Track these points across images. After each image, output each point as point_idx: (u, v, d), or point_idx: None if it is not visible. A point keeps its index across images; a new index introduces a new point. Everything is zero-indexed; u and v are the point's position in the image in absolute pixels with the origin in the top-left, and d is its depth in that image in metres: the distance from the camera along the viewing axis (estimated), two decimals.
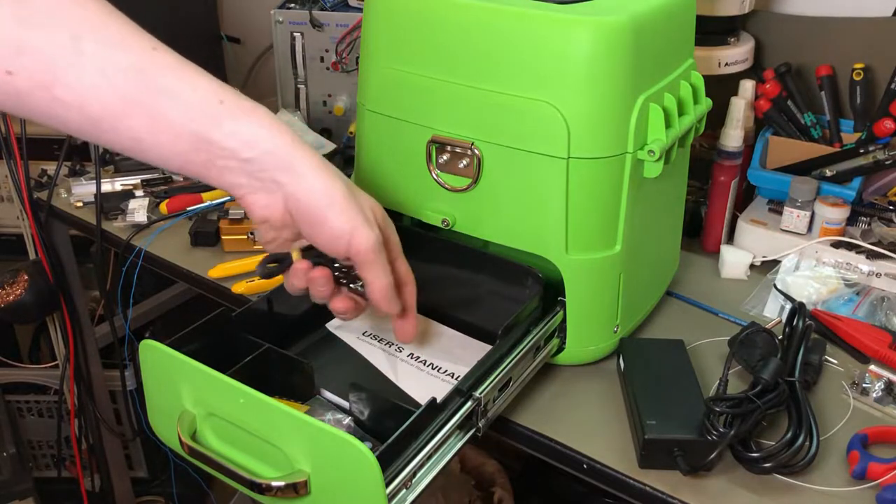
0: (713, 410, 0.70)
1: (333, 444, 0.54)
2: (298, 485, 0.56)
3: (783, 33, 1.17)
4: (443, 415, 0.64)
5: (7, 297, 1.30)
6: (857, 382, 0.80)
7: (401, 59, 0.78)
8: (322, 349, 0.81)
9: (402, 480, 0.59)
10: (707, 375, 0.82)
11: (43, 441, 1.66)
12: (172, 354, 0.62)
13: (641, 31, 0.72)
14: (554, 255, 0.76)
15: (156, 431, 0.67)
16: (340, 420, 0.69)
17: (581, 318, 0.79)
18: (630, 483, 0.71)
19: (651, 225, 0.83)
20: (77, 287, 1.37)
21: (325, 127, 1.33)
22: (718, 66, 1.11)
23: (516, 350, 0.73)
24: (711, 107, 0.85)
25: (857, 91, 1.10)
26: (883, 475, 0.68)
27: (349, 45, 1.26)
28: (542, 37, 0.70)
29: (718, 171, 1.01)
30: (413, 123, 0.79)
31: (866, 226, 1.01)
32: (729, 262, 1.00)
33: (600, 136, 0.72)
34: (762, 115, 1.11)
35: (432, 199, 0.81)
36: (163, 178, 1.21)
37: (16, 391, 1.61)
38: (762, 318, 0.91)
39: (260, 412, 0.58)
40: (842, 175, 1.01)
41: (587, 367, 0.84)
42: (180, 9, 1.57)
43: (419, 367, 0.78)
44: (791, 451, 0.69)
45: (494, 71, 0.73)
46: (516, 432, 0.77)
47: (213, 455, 0.60)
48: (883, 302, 0.91)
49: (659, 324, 0.91)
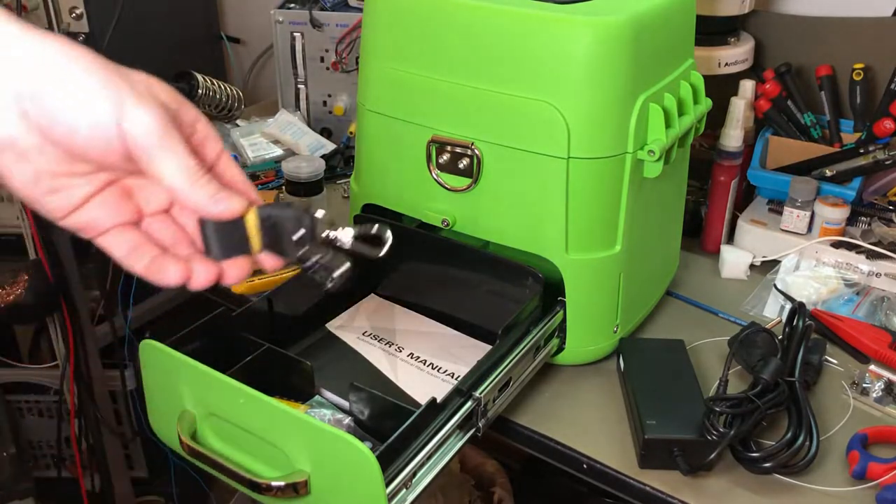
0: (713, 410, 0.70)
1: (333, 444, 0.54)
2: (298, 485, 0.56)
3: (783, 33, 1.17)
4: (443, 415, 0.64)
5: (7, 297, 1.30)
6: (857, 382, 0.80)
7: (401, 59, 0.78)
8: (322, 349, 0.81)
9: (402, 480, 0.59)
10: (707, 375, 0.82)
11: (43, 441, 1.66)
12: (172, 354, 0.62)
13: (641, 31, 0.72)
14: (554, 255, 0.76)
15: (156, 431, 0.67)
16: (340, 420, 0.69)
17: (581, 318, 0.79)
18: (630, 483, 0.71)
19: (651, 225, 0.83)
20: (77, 287, 1.37)
21: (325, 127, 1.33)
22: (718, 66, 1.11)
23: (516, 350, 0.73)
24: (711, 107, 0.85)
25: (856, 91, 1.10)
26: (883, 475, 0.68)
27: (349, 45, 1.26)
28: (542, 37, 0.70)
29: (718, 171, 1.01)
30: (413, 123, 0.79)
31: (866, 226, 1.01)
32: (729, 262, 1.00)
33: (600, 136, 0.72)
34: (762, 115, 1.11)
35: (432, 199, 0.81)
36: None
37: (16, 391, 1.60)
38: (762, 318, 0.91)
39: (260, 412, 0.58)
40: (842, 175, 1.01)
41: (587, 367, 0.84)
42: (180, 9, 1.57)
43: (419, 367, 0.78)
44: (791, 451, 0.69)
45: (494, 71, 0.73)
46: (516, 432, 0.77)
47: (213, 455, 0.60)
48: (883, 302, 0.91)
49: (659, 324, 0.91)
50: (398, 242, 0.56)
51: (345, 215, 0.93)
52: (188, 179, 0.45)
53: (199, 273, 0.49)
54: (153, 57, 1.40)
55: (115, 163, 0.45)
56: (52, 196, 0.45)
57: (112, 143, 0.44)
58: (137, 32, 1.37)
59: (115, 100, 0.43)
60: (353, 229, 0.50)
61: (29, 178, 0.44)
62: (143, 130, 0.43)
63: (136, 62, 0.47)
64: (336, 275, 0.50)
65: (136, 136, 0.43)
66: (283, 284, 0.79)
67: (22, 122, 0.43)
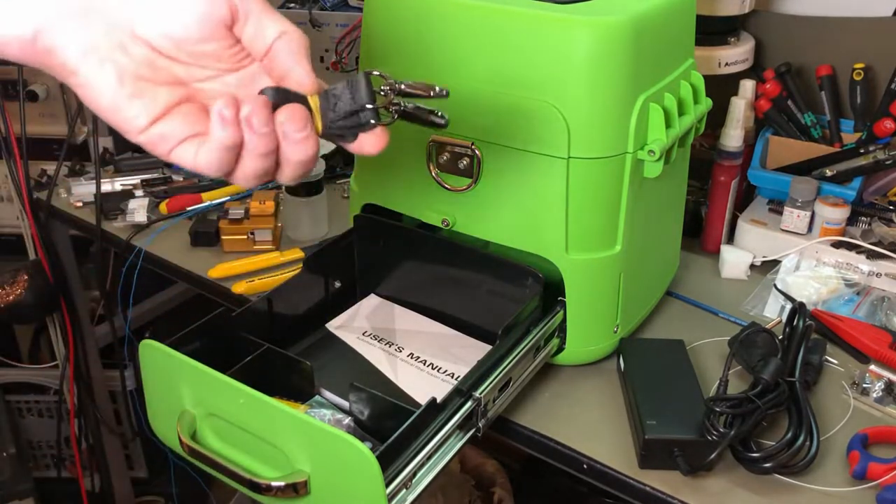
0: (713, 410, 0.70)
1: (333, 444, 0.54)
2: (298, 485, 0.56)
3: (783, 33, 1.17)
4: (443, 415, 0.64)
5: (7, 297, 1.30)
6: (858, 382, 0.80)
7: (401, 60, 0.78)
8: (322, 349, 0.81)
9: (402, 480, 0.59)
10: (707, 375, 0.82)
11: (43, 441, 1.66)
12: (172, 354, 0.62)
13: (641, 31, 0.72)
14: (554, 255, 0.76)
15: (156, 431, 0.67)
16: (340, 420, 0.69)
17: (581, 318, 0.79)
18: (630, 483, 0.71)
19: (651, 225, 0.83)
20: (77, 287, 1.37)
21: None
22: (718, 66, 1.11)
23: (516, 350, 0.73)
24: (711, 107, 0.85)
25: (857, 91, 1.10)
26: (883, 475, 0.68)
27: (349, 45, 1.26)
28: (543, 37, 0.70)
29: (718, 171, 1.01)
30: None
31: (866, 226, 1.01)
32: (729, 262, 1.00)
33: (600, 135, 0.72)
34: (762, 115, 1.11)
35: (432, 199, 0.81)
36: (163, 178, 1.21)
37: (16, 391, 1.60)
38: (762, 318, 0.91)
39: (260, 412, 0.58)
40: (842, 175, 1.01)
41: (587, 367, 0.84)
42: None
43: (419, 367, 0.78)
44: (791, 452, 0.69)
45: (494, 71, 0.73)
46: (516, 432, 0.77)
47: (212, 455, 0.60)
48: (883, 302, 0.91)
49: (659, 324, 0.91)
50: (398, 242, 0.56)
51: (345, 215, 0.93)
52: (289, 34, 0.47)
53: None
54: None
55: (214, 36, 0.47)
56: (136, 101, 0.45)
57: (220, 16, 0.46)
58: None
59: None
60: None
61: (112, 80, 0.45)
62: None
63: None
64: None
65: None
66: (283, 284, 0.79)
67: (107, 19, 0.45)
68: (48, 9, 0.44)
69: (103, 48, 0.45)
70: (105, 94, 0.45)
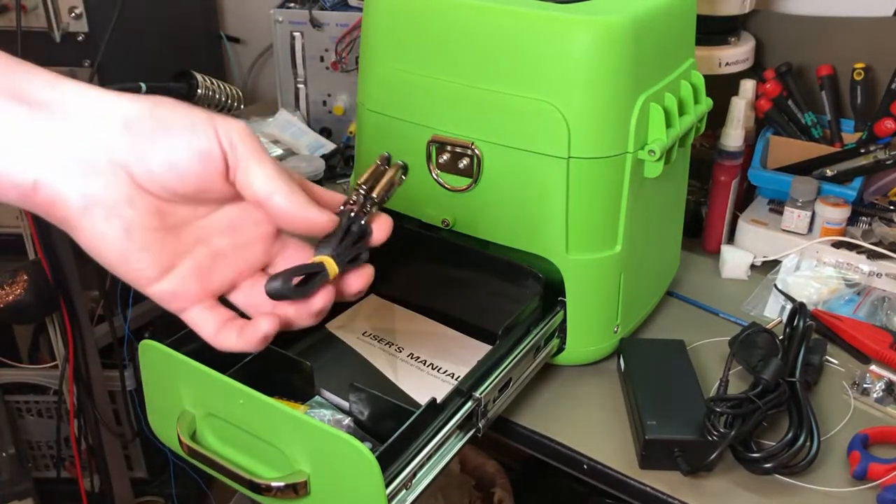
0: (714, 411, 0.70)
1: (333, 445, 0.54)
2: (298, 485, 0.56)
3: (784, 33, 1.17)
4: (443, 415, 0.64)
5: (7, 297, 1.30)
6: (858, 383, 0.80)
7: (401, 59, 0.78)
8: (322, 349, 0.81)
9: (402, 481, 0.59)
10: (707, 375, 0.82)
11: (42, 441, 1.66)
12: (172, 354, 0.62)
13: (642, 30, 0.72)
14: (554, 255, 0.76)
15: (155, 432, 0.67)
16: (340, 420, 0.69)
17: (581, 318, 0.79)
18: (630, 483, 0.71)
19: (651, 225, 0.83)
20: (77, 287, 1.36)
21: (325, 127, 1.33)
22: (719, 66, 1.11)
23: (516, 350, 0.72)
24: (712, 106, 0.85)
25: (857, 91, 1.10)
26: (883, 475, 0.68)
27: (349, 45, 1.26)
28: (543, 37, 0.70)
29: (719, 171, 1.00)
30: (413, 123, 0.79)
31: (867, 226, 1.00)
32: (729, 262, 0.99)
33: (601, 135, 0.72)
34: (763, 115, 1.11)
35: (432, 199, 0.81)
36: None
37: (15, 391, 1.60)
38: (763, 318, 0.91)
39: (260, 412, 0.58)
40: (842, 175, 1.01)
41: (587, 368, 0.83)
42: (180, 9, 1.56)
43: (419, 367, 0.78)
44: (792, 452, 0.69)
45: (494, 71, 0.73)
46: (516, 432, 0.77)
47: (212, 455, 0.60)
48: (884, 302, 0.91)
49: (659, 324, 0.91)
50: (398, 243, 0.56)
51: None
52: (281, 186, 0.46)
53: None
54: (153, 57, 1.40)
55: (212, 185, 0.45)
56: (145, 253, 0.45)
57: (212, 154, 0.44)
58: (137, 32, 1.36)
59: (205, 116, 0.44)
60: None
61: (119, 233, 0.44)
62: (238, 135, 0.45)
63: (136, 62, 0.47)
64: None
65: (233, 139, 0.44)
66: None
67: (110, 173, 0.43)
68: (50, 160, 0.42)
69: (108, 201, 0.43)
70: (114, 247, 0.44)
